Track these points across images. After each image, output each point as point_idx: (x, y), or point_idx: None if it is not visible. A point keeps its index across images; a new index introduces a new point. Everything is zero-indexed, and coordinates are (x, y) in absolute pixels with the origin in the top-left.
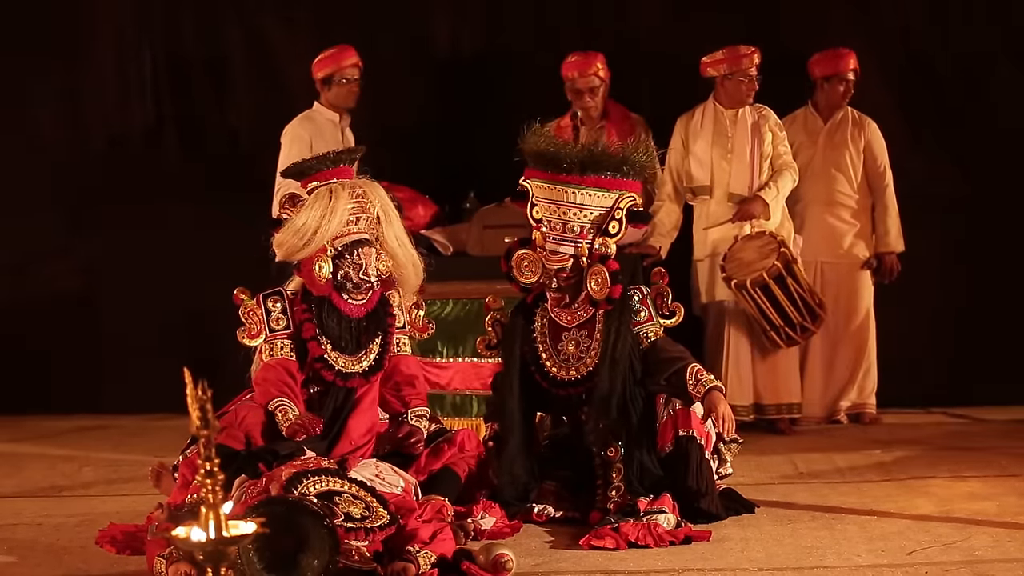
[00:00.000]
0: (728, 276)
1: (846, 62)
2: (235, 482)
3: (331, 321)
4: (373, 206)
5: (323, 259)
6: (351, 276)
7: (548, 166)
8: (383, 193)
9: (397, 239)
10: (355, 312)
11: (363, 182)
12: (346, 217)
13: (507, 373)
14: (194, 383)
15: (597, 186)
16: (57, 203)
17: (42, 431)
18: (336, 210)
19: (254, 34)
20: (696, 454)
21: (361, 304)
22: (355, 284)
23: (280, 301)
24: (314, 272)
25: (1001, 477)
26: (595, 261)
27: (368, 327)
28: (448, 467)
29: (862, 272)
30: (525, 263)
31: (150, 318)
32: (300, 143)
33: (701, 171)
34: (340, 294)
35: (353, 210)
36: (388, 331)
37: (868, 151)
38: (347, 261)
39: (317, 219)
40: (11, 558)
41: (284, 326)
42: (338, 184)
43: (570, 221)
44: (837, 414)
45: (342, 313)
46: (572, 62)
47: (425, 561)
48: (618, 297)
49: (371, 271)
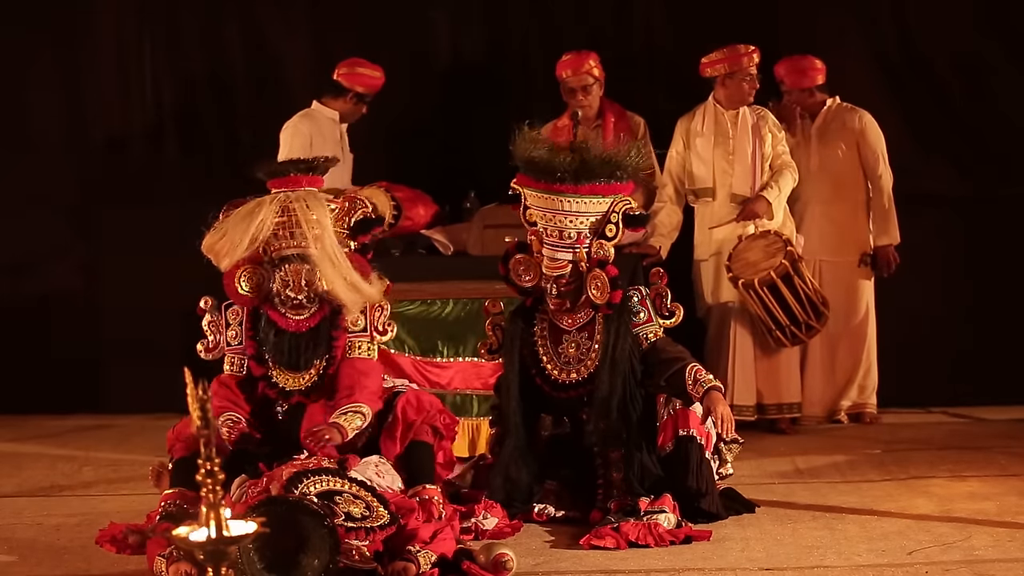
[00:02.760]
0: (735, 276)
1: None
2: (235, 482)
3: (269, 336)
4: (303, 223)
5: (244, 272)
6: (279, 292)
7: (541, 175)
8: (323, 209)
9: (331, 260)
10: (294, 327)
11: (306, 194)
12: (266, 231)
13: (507, 377)
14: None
15: (592, 193)
16: (57, 203)
17: (42, 431)
18: (253, 223)
19: (254, 34)
20: (696, 454)
21: (302, 319)
22: (282, 300)
23: (239, 313)
24: (233, 284)
25: (1001, 477)
26: (594, 266)
27: (310, 344)
28: (413, 441)
29: (862, 271)
30: (523, 267)
31: (150, 318)
32: (301, 138)
33: (703, 172)
34: (277, 308)
35: (280, 224)
36: (333, 348)
37: (862, 141)
38: (277, 276)
39: (234, 230)
40: (11, 557)
41: (241, 342)
42: (271, 196)
43: (566, 228)
44: (837, 414)
45: (279, 327)
46: (565, 61)
47: (425, 560)
48: (618, 302)
49: (300, 289)
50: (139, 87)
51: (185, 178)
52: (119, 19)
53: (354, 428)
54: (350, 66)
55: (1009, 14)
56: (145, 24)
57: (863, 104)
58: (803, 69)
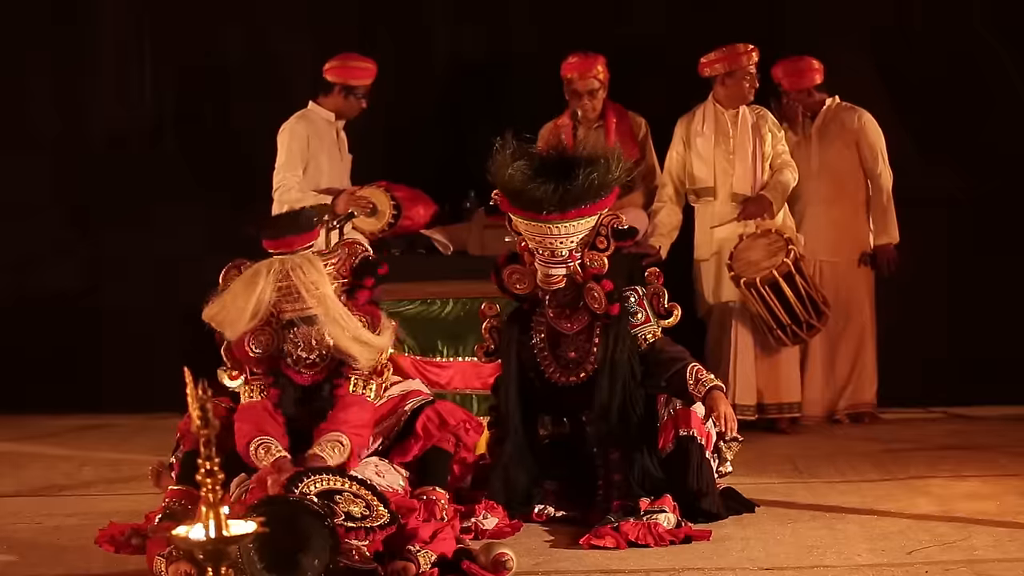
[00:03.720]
0: (737, 275)
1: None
2: (234, 481)
3: (287, 389)
4: (303, 288)
5: (253, 339)
6: (291, 352)
7: (527, 207)
8: (320, 272)
9: (336, 320)
10: (308, 380)
11: (303, 258)
12: (267, 301)
13: (505, 378)
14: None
15: (578, 216)
16: (57, 203)
17: (42, 430)
18: (252, 296)
19: (254, 34)
20: (697, 454)
21: (314, 373)
22: (294, 360)
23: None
24: (247, 352)
25: (1001, 476)
26: (589, 278)
27: (316, 398)
28: (434, 447)
29: (862, 271)
30: (516, 276)
31: (150, 317)
32: (298, 140)
33: (704, 172)
34: (292, 367)
35: (283, 289)
36: (335, 397)
37: (861, 140)
38: (287, 337)
39: (238, 300)
40: (11, 557)
41: (264, 371)
42: (270, 262)
43: (557, 248)
44: (837, 413)
45: (294, 382)
46: (572, 63)
47: (425, 560)
48: (616, 315)
49: (312, 349)
50: (139, 87)
51: (185, 178)
52: (119, 19)
53: (334, 457)
54: (338, 60)
55: (1010, 13)
56: (146, 24)
57: (863, 104)
58: (800, 70)
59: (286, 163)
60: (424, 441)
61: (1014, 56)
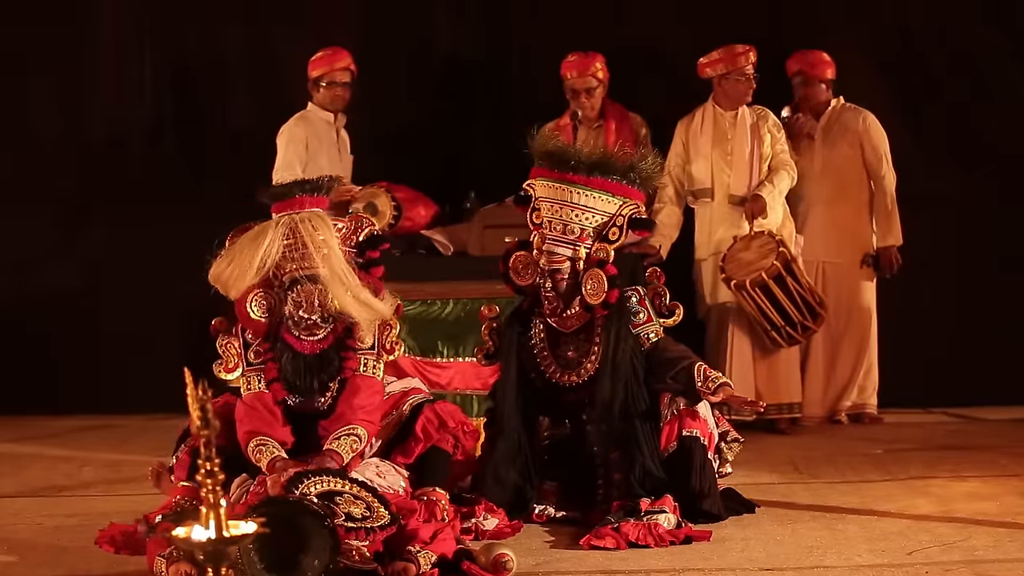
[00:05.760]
0: (728, 276)
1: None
2: (235, 482)
3: (286, 358)
4: (310, 245)
5: (256, 297)
6: (292, 314)
7: (556, 164)
8: (328, 230)
9: (341, 280)
10: (308, 349)
11: (311, 216)
12: (274, 255)
13: (504, 380)
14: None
15: (602, 189)
16: (57, 203)
17: (42, 431)
18: (258, 249)
19: (254, 34)
20: (700, 454)
21: (316, 341)
22: (295, 322)
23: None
24: (247, 312)
25: (1002, 477)
26: (592, 265)
27: (322, 366)
28: (433, 447)
29: (864, 272)
30: (522, 265)
31: (150, 318)
32: (297, 143)
33: (702, 174)
34: (291, 331)
35: (289, 246)
36: (343, 370)
37: (865, 142)
38: (290, 298)
39: (242, 256)
40: (11, 558)
41: (261, 361)
42: (275, 220)
43: (571, 223)
44: (838, 414)
45: (295, 350)
46: (571, 62)
47: (426, 561)
48: (614, 302)
49: (314, 309)
50: (139, 87)
51: (185, 178)
52: (119, 18)
53: (350, 451)
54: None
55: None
56: (146, 24)
57: (866, 105)
58: (816, 59)
59: (283, 165)
60: (424, 442)
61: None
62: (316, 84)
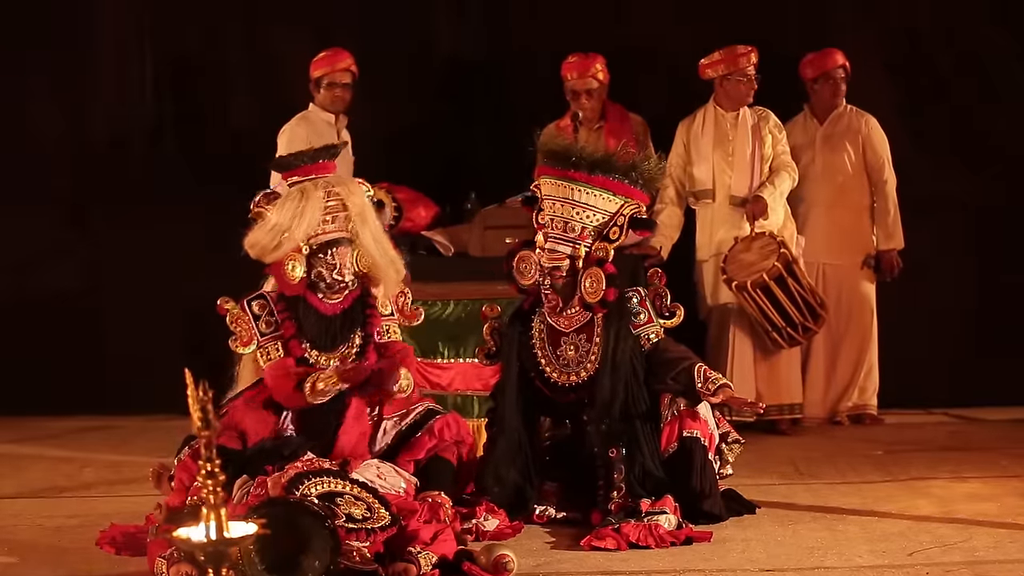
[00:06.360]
0: (729, 278)
1: (833, 60)
2: (236, 483)
3: (308, 320)
4: (349, 204)
5: (296, 259)
6: (324, 276)
7: (558, 161)
8: (360, 191)
9: (374, 238)
10: (331, 310)
11: (340, 179)
12: (319, 216)
13: (504, 380)
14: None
15: (604, 187)
16: (57, 203)
17: (43, 432)
18: (307, 210)
19: (254, 34)
20: (700, 455)
21: (337, 302)
22: (328, 284)
23: (265, 304)
24: (286, 273)
25: (1002, 478)
26: (591, 264)
27: (344, 324)
28: (438, 455)
29: (864, 273)
30: (524, 264)
31: (151, 318)
32: (297, 142)
33: (703, 175)
34: (315, 293)
35: (328, 209)
36: (368, 323)
37: (867, 146)
38: (321, 261)
39: (288, 219)
40: (12, 559)
41: (273, 329)
42: (312, 183)
43: (572, 220)
44: (838, 415)
45: (319, 312)
46: (571, 63)
47: (426, 562)
48: (613, 300)
49: (346, 271)
50: (139, 87)
51: (185, 178)
52: (120, 18)
53: (399, 380)
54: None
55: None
56: (146, 24)
57: (873, 106)
58: (826, 54)
59: None
60: (437, 442)
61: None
62: (317, 85)
